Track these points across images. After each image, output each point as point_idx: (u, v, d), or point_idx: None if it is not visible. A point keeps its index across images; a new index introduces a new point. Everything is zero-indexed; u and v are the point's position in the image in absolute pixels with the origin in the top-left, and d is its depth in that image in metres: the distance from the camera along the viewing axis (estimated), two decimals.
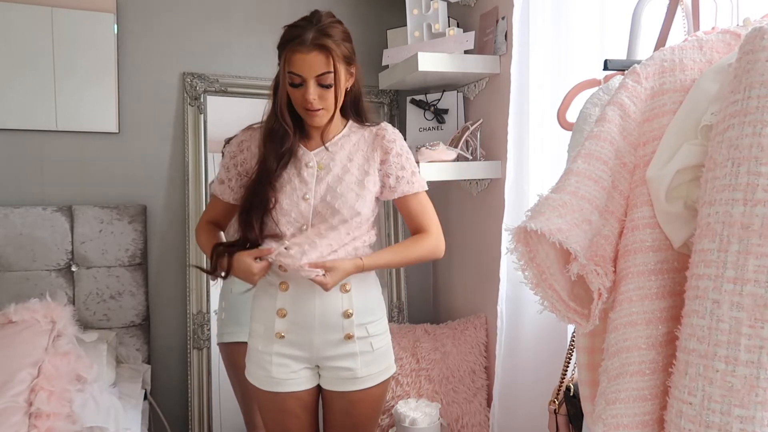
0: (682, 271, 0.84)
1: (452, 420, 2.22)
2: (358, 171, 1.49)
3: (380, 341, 1.53)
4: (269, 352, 1.49)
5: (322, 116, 1.44)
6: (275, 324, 1.48)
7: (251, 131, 1.55)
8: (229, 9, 2.48)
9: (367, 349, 1.50)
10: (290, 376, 1.49)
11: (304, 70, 1.38)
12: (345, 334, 1.48)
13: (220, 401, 2.40)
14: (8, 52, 2.16)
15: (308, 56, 1.37)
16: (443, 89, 2.46)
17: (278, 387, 1.50)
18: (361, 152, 1.51)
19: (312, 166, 1.48)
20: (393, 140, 1.53)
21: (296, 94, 1.42)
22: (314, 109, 1.42)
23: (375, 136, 1.53)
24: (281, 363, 1.49)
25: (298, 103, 1.44)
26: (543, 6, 1.86)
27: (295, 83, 1.40)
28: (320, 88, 1.41)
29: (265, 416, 1.57)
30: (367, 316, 1.51)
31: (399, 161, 1.53)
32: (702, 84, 0.87)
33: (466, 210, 2.46)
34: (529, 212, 0.86)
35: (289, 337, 1.48)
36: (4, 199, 2.19)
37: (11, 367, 1.57)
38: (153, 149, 2.38)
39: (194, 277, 2.38)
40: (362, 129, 1.55)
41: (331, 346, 1.48)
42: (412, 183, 1.53)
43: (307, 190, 1.46)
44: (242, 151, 1.54)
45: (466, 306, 2.51)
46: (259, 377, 1.51)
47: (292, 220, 1.45)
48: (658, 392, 0.85)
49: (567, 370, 1.50)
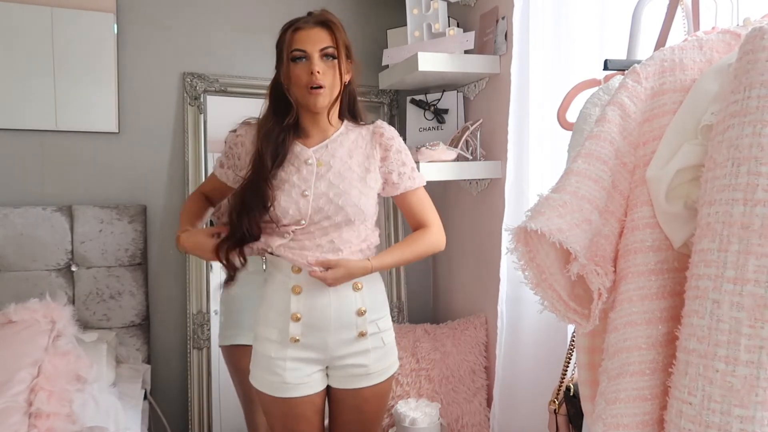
0: (682, 271, 0.84)
1: (452, 420, 2.22)
2: (360, 168, 1.49)
3: (389, 336, 1.55)
4: (283, 358, 1.46)
5: (325, 96, 1.43)
6: (290, 328, 1.46)
7: (247, 126, 1.54)
8: (229, 9, 2.48)
9: (379, 344, 1.51)
10: (304, 380, 1.47)
11: (308, 45, 1.39)
12: (359, 332, 1.48)
13: (220, 401, 2.40)
14: (8, 52, 2.16)
15: (312, 31, 1.40)
16: (443, 89, 2.46)
17: (292, 392, 1.47)
18: (360, 149, 1.51)
19: (311, 163, 1.47)
20: (392, 137, 1.54)
21: (299, 72, 1.41)
22: (318, 85, 1.41)
23: (373, 134, 1.54)
24: (295, 368, 1.46)
25: (300, 83, 1.42)
26: (543, 6, 1.86)
27: (297, 57, 1.40)
28: (324, 63, 1.41)
29: (274, 423, 1.53)
30: (378, 312, 1.52)
31: (399, 158, 1.54)
32: (702, 84, 0.87)
33: (466, 210, 2.46)
34: (529, 212, 0.86)
35: (304, 341, 1.46)
36: (4, 199, 2.19)
37: (11, 366, 1.57)
38: (153, 149, 2.38)
39: (194, 277, 2.38)
40: (359, 127, 1.55)
41: (345, 345, 1.48)
42: (413, 179, 1.55)
43: (307, 187, 1.45)
44: (237, 146, 1.54)
45: (466, 306, 2.51)
46: (271, 383, 1.48)
47: (290, 217, 1.44)
48: (658, 392, 0.85)
49: (567, 370, 1.50)
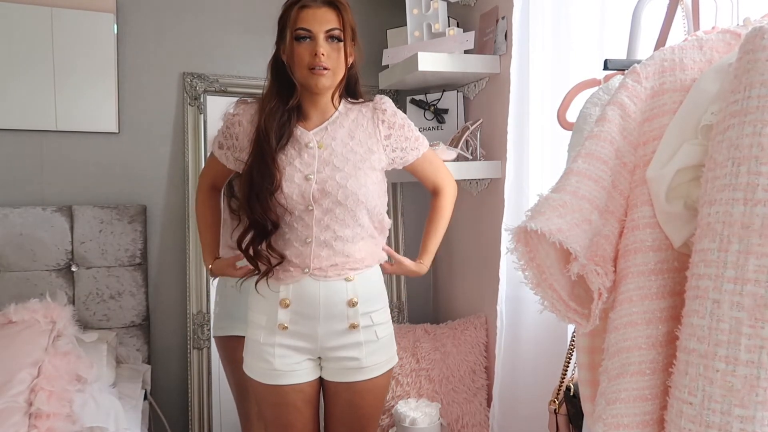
0: (682, 270, 0.84)
1: (452, 420, 2.22)
2: (362, 148, 1.47)
3: (384, 330, 1.52)
4: (272, 344, 1.46)
5: (328, 78, 1.41)
6: (278, 315, 1.46)
7: (244, 105, 1.52)
8: (229, 9, 2.48)
9: (372, 338, 1.49)
10: (293, 368, 1.47)
11: (314, 25, 1.37)
12: (350, 324, 1.46)
13: (220, 401, 2.40)
14: (8, 52, 2.16)
15: (319, 11, 1.37)
16: (443, 89, 2.46)
17: (281, 379, 1.47)
18: (362, 128, 1.49)
19: (312, 146, 1.45)
20: (394, 113, 1.53)
21: (302, 52, 1.39)
22: (322, 66, 1.38)
23: (374, 111, 1.52)
24: (284, 354, 1.46)
25: (303, 63, 1.39)
26: (543, 6, 1.86)
27: (302, 36, 1.38)
28: (329, 45, 1.39)
29: (265, 411, 1.53)
30: (372, 305, 1.50)
31: (403, 133, 1.53)
32: (702, 84, 0.87)
33: (466, 210, 2.46)
34: (529, 212, 0.86)
35: (293, 329, 1.46)
36: (4, 199, 2.19)
37: (11, 367, 1.57)
38: (153, 149, 2.38)
39: (194, 277, 2.38)
40: (358, 105, 1.53)
41: (336, 336, 1.47)
42: (418, 147, 1.56)
43: (310, 171, 1.43)
44: (234, 125, 1.51)
45: (466, 306, 2.51)
46: (261, 370, 1.48)
47: (295, 202, 1.42)
48: (659, 392, 0.85)
49: (567, 370, 1.50)
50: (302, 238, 1.45)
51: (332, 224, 1.44)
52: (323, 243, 1.44)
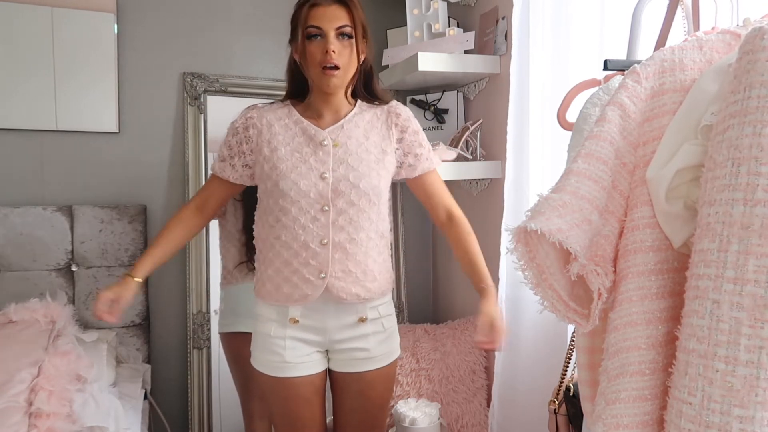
0: (682, 271, 0.84)
1: (452, 420, 2.22)
2: (376, 149, 1.47)
3: (390, 321, 1.54)
4: (282, 336, 1.46)
5: (339, 77, 1.41)
6: (289, 309, 1.46)
7: (256, 109, 1.51)
8: (229, 9, 2.48)
9: (380, 329, 1.51)
10: (304, 360, 1.48)
11: (324, 22, 1.37)
12: (359, 317, 1.48)
13: (220, 401, 2.40)
14: (8, 52, 2.16)
15: (329, 9, 1.38)
16: (443, 89, 2.46)
17: (291, 371, 1.47)
18: (376, 130, 1.49)
19: (327, 144, 1.44)
20: (408, 118, 1.53)
21: (313, 50, 1.39)
22: (332, 65, 1.38)
23: (388, 114, 1.52)
24: (294, 347, 1.47)
25: (315, 61, 1.39)
26: (543, 6, 1.86)
27: (312, 34, 1.38)
28: (339, 42, 1.39)
29: (273, 404, 1.52)
30: (380, 299, 1.51)
31: (417, 139, 1.53)
32: (702, 84, 0.87)
33: (466, 210, 2.43)
34: (529, 212, 0.86)
35: (304, 322, 1.46)
36: (4, 199, 2.19)
37: (11, 366, 1.57)
38: (153, 149, 2.38)
39: (194, 277, 2.38)
40: (373, 107, 1.53)
41: (345, 329, 1.48)
42: (430, 160, 1.55)
43: (325, 169, 1.42)
44: (248, 128, 1.49)
45: (466, 306, 2.51)
46: (271, 363, 1.48)
47: (312, 201, 1.42)
48: (658, 392, 0.85)
49: (567, 370, 1.50)
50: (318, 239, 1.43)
51: (347, 226, 1.43)
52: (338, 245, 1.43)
